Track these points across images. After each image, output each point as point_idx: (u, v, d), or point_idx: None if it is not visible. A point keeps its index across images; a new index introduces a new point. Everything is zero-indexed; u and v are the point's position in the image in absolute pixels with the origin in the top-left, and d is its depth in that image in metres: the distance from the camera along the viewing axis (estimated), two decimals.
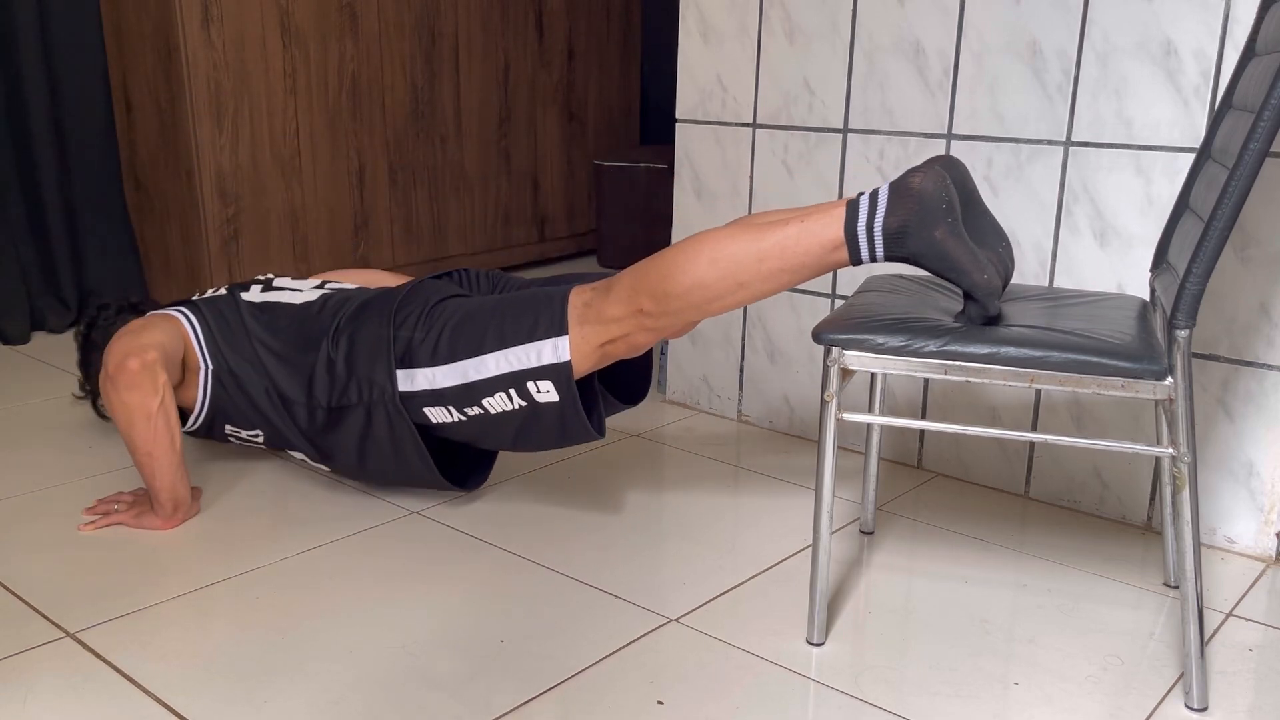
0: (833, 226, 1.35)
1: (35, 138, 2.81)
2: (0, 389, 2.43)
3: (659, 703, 1.28)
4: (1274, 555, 1.68)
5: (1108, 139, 1.72)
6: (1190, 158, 1.66)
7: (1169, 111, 1.66)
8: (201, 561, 1.61)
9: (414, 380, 1.62)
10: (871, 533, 1.75)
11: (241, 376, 1.76)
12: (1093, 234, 1.77)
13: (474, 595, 1.52)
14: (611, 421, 2.25)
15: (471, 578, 1.57)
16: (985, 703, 1.29)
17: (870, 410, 1.67)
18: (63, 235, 2.91)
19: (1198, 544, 1.25)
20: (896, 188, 1.32)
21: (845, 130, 2.01)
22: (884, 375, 1.64)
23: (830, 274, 2.07)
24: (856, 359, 1.33)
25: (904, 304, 1.43)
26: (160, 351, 1.66)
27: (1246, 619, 1.50)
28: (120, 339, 1.68)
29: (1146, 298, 1.69)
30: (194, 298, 1.86)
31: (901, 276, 1.60)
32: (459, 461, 1.88)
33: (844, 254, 1.35)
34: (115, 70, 2.91)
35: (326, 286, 1.89)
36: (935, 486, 1.95)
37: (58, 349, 2.77)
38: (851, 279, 2.05)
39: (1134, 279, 1.74)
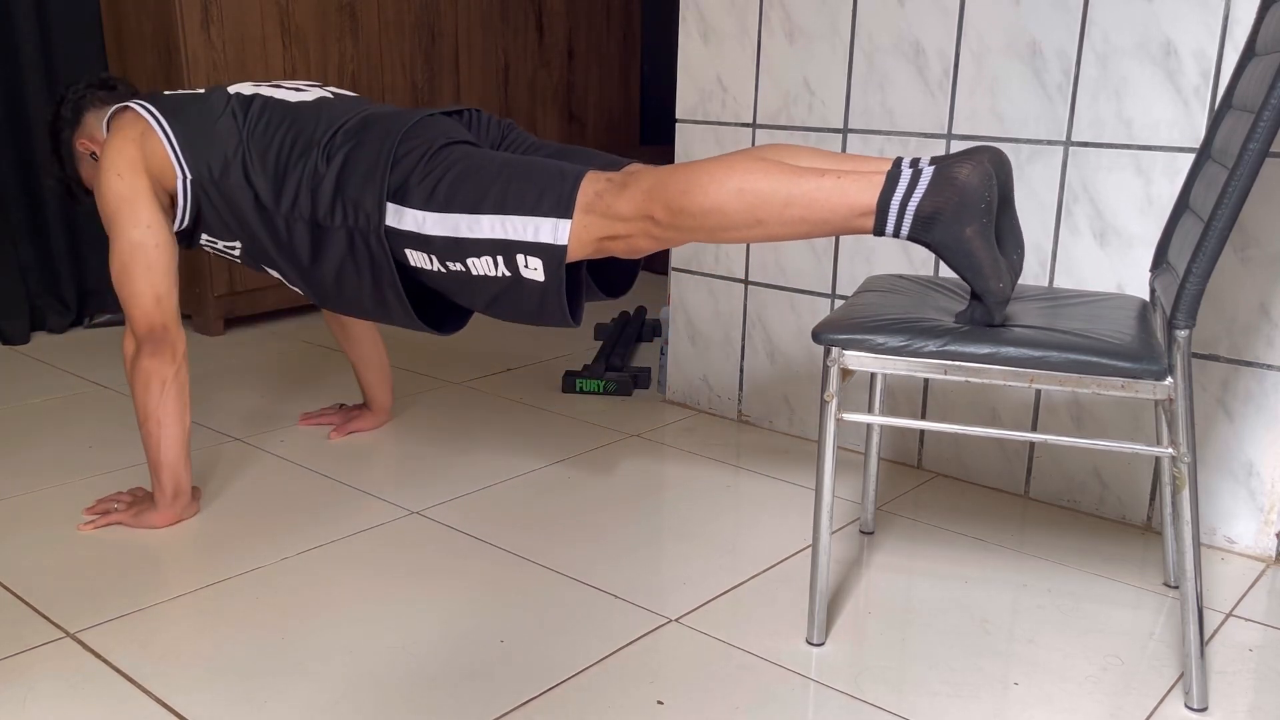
0: (868, 192, 1.29)
1: (35, 138, 2.81)
2: (0, 389, 2.43)
3: (659, 703, 1.28)
4: (1274, 555, 1.68)
5: (1108, 139, 1.72)
6: (1190, 158, 1.66)
7: (1169, 111, 1.66)
8: (201, 561, 1.61)
9: (402, 218, 1.54)
10: (871, 533, 1.75)
11: (222, 184, 1.66)
12: (1093, 234, 1.77)
13: (474, 595, 1.52)
14: (612, 422, 2.25)
15: (471, 578, 1.57)
16: (985, 703, 1.29)
17: (870, 410, 1.67)
18: (63, 235, 2.91)
19: (1198, 544, 1.25)
20: (941, 173, 1.27)
21: (845, 130, 2.01)
22: (884, 375, 1.64)
23: (830, 274, 2.07)
24: (856, 359, 1.33)
25: (904, 304, 1.43)
26: (176, 308, 1.67)
27: (1246, 619, 1.50)
28: (134, 279, 1.64)
29: (1146, 298, 1.69)
30: (177, 91, 1.77)
31: (901, 276, 1.60)
32: (436, 304, 1.79)
33: (869, 222, 1.30)
34: (115, 70, 2.91)
35: (328, 90, 1.79)
36: (935, 486, 1.95)
37: (58, 349, 2.77)
38: (852, 279, 2.05)
39: (1134, 279, 1.74)
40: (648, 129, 4.26)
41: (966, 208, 1.25)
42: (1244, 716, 1.28)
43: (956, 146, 1.88)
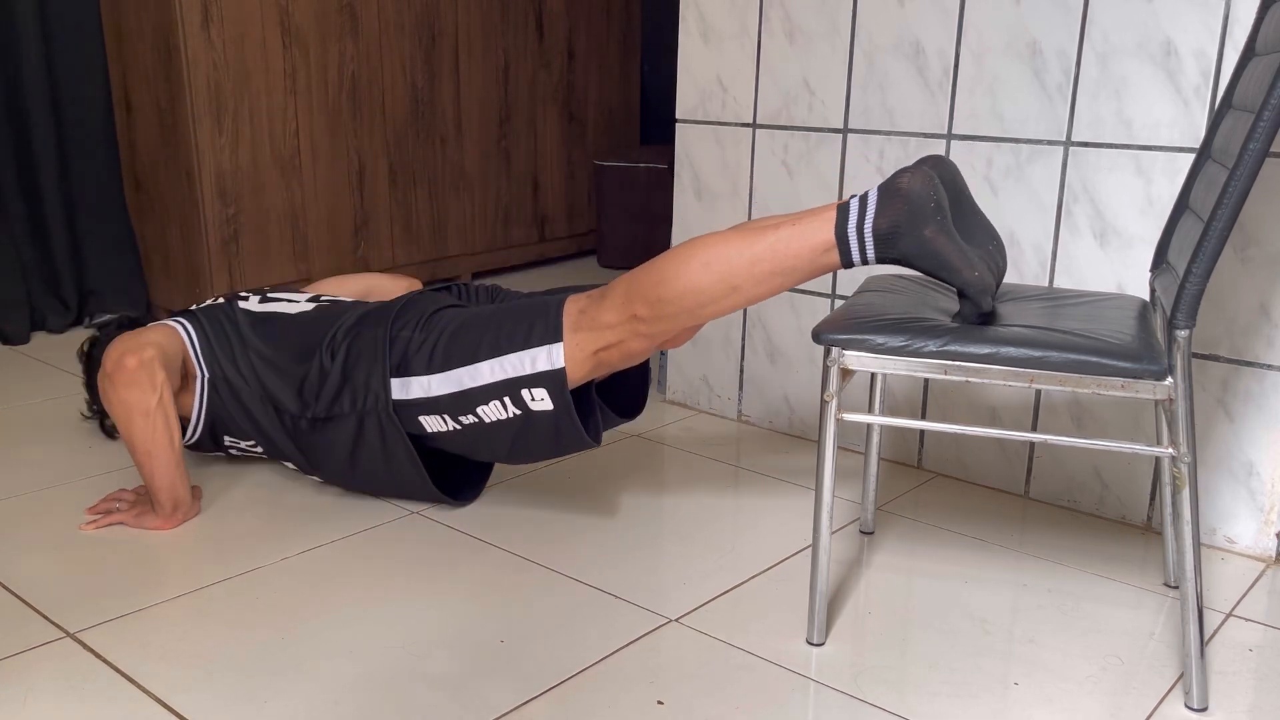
0: (823, 229, 1.35)
1: (35, 138, 2.81)
2: (0, 389, 2.43)
3: (659, 703, 1.28)
4: (1274, 555, 1.68)
5: (1108, 139, 1.72)
6: (1190, 158, 1.66)
7: (1169, 111, 1.66)
8: (201, 561, 1.61)
9: (409, 388, 1.62)
10: (871, 533, 1.75)
11: (236, 385, 1.76)
12: (1093, 234, 1.77)
13: (474, 595, 1.52)
14: None
15: (471, 578, 1.57)
16: (985, 703, 1.29)
17: (870, 410, 1.67)
18: (63, 235, 2.91)
19: (1198, 544, 1.25)
20: (885, 189, 1.33)
21: (845, 130, 2.01)
22: (884, 375, 1.64)
23: (830, 274, 2.07)
24: (856, 359, 1.33)
25: (903, 304, 1.43)
26: (158, 350, 1.67)
27: (1246, 619, 1.50)
28: (118, 341, 1.69)
29: (1146, 298, 1.69)
30: (191, 308, 1.86)
31: (901, 277, 1.60)
32: (452, 474, 1.87)
33: (835, 256, 1.36)
34: (115, 70, 2.91)
35: (322, 299, 1.90)
36: (935, 486, 1.95)
37: (58, 349, 2.77)
38: (851, 279, 2.05)
39: (1134, 279, 1.74)
40: (648, 129, 4.26)
41: (917, 211, 1.30)
42: (1244, 716, 1.28)
43: (956, 146, 1.88)
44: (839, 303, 2.08)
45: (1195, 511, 1.25)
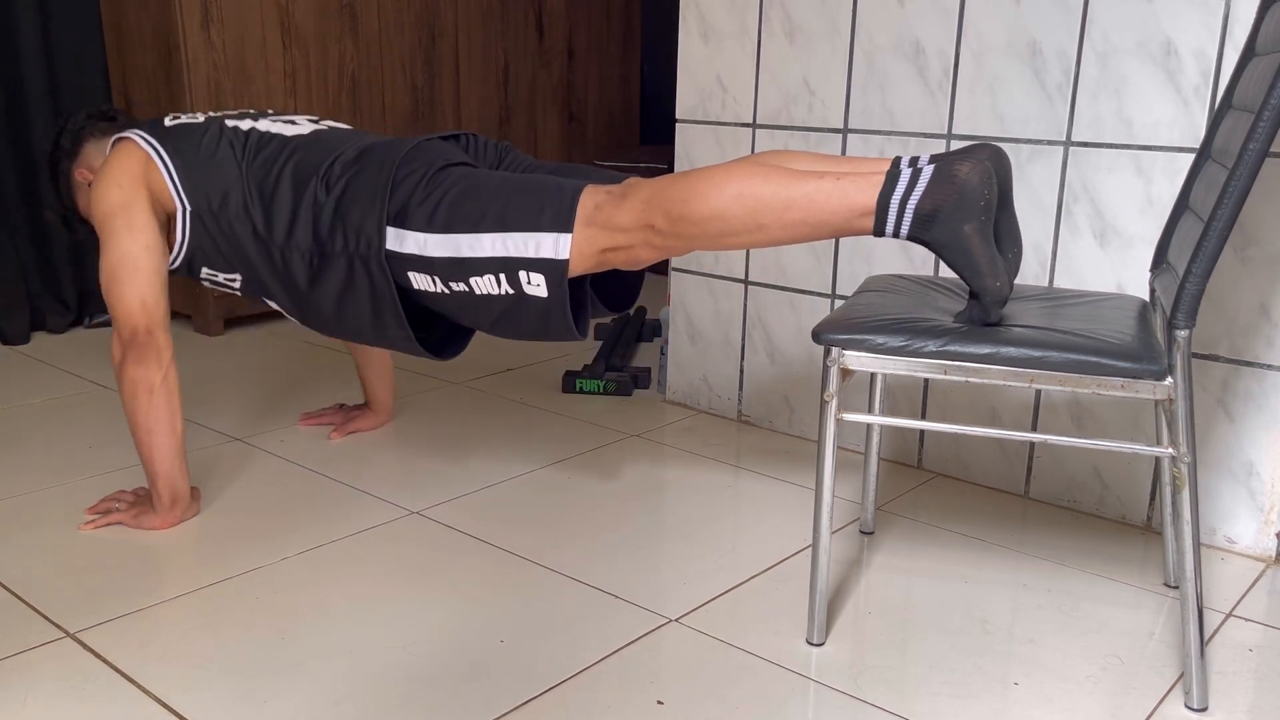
0: (867, 192, 1.30)
1: (35, 138, 2.81)
2: (0, 389, 2.43)
3: (659, 703, 1.28)
4: (1274, 555, 1.68)
5: (1108, 139, 1.72)
6: (1190, 158, 1.66)
7: (1169, 111, 1.66)
8: (201, 561, 1.61)
9: (403, 241, 1.54)
10: (871, 533, 1.75)
11: (220, 216, 1.66)
12: (1093, 234, 1.77)
13: (474, 595, 1.52)
14: (612, 422, 2.25)
15: (471, 578, 1.57)
16: (985, 703, 1.29)
17: (870, 410, 1.67)
18: (63, 235, 2.91)
19: (1198, 544, 1.25)
20: (940, 171, 1.27)
21: (845, 130, 2.01)
22: (884, 375, 1.64)
23: (831, 274, 2.07)
24: (856, 359, 1.33)
25: (904, 304, 1.43)
26: (163, 309, 1.65)
27: (1246, 619, 1.50)
28: (121, 283, 1.63)
29: (1146, 298, 1.69)
30: (167, 122, 1.75)
31: (901, 276, 1.60)
32: (436, 328, 1.81)
33: (869, 223, 1.31)
34: (115, 70, 2.91)
35: (323, 123, 1.80)
36: (935, 486, 1.95)
37: (58, 349, 2.77)
38: (852, 279, 2.05)
39: (1134, 279, 1.74)
40: (648, 129, 4.26)
41: (966, 205, 1.25)
42: (1244, 716, 1.28)
43: (956, 146, 1.88)
44: (839, 303, 2.08)
45: (1195, 511, 1.25)
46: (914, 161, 1.31)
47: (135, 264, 1.64)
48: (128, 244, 1.64)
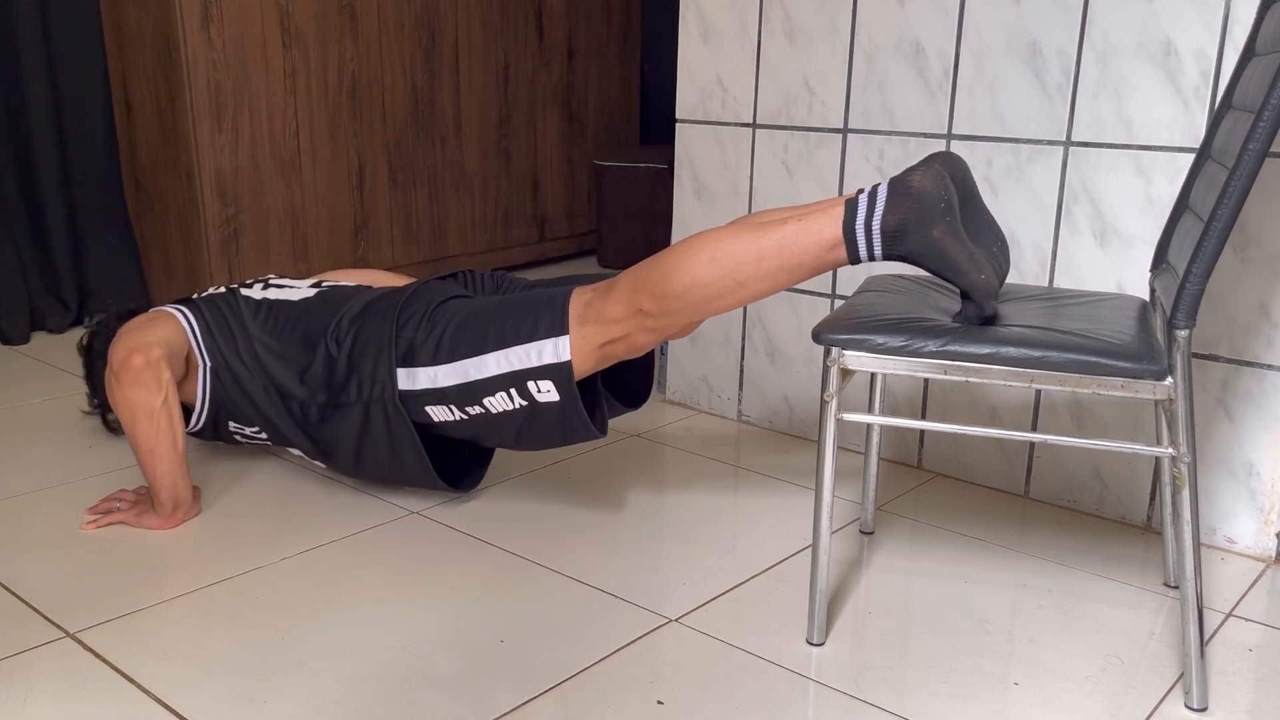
0: (831, 225, 1.35)
1: (35, 138, 2.81)
2: (0, 389, 2.43)
3: (659, 703, 1.28)
4: (1274, 555, 1.68)
5: (1108, 139, 1.72)
6: (1190, 158, 1.66)
7: (1169, 111, 1.66)
8: (201, 561, 1.61)
9: (415, 379, 1.63)
10: (871, 533, 1.75)
11: (239, 373, 1.76)
12: (1093, 234, 1.77)
13: (474, 595, 1.52)
14: (612, 422, 2.25)
15: (471, 578, 1.57)
16: (985, 703, 1.29)
17: (870, 410, 1.67)
18: (63, 235, 2.91)
19: (1198, 544, 1.25)
20: (895, 186, 1.32)
21: (845, 130, 2.01)
22: (884, 375, 1.64)
23: (830, 274, 2.07)
24: (856, 359, 1.33)
25: (904, 304, 1.43)
26: (164, 348, 1.67)
27: (1246, 619, 1.50)
28: (124, 336, 1.69)
29: (1146, 298, 1.69)
30: (193, 296, 1.86)
31: (901, 276, 1.60)
32: (455, 462, 1.88)
33: (842, 253, 1.35)
34: (115, 70, 2.91)
35: (324, 285, 1.89)
36: (935, 486, 1.95)
37: (58, 349, 2.77)
38: (851, 279, 2.05)
39: (1134, 279, 1.74)
40: (648, 129, 4.26)
41: (927, 211, 1.29)
42: (1244, 716, 1.28)
43: (956, 146, 1.88)
44: (839, 303, 2.08)
45: (1195, 511, 1.25)
46: (872, 188, 1.35)
47: (146, 338, 1.69)
48: (140, 340, 1.69)
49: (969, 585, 1.58)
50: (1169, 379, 1.23)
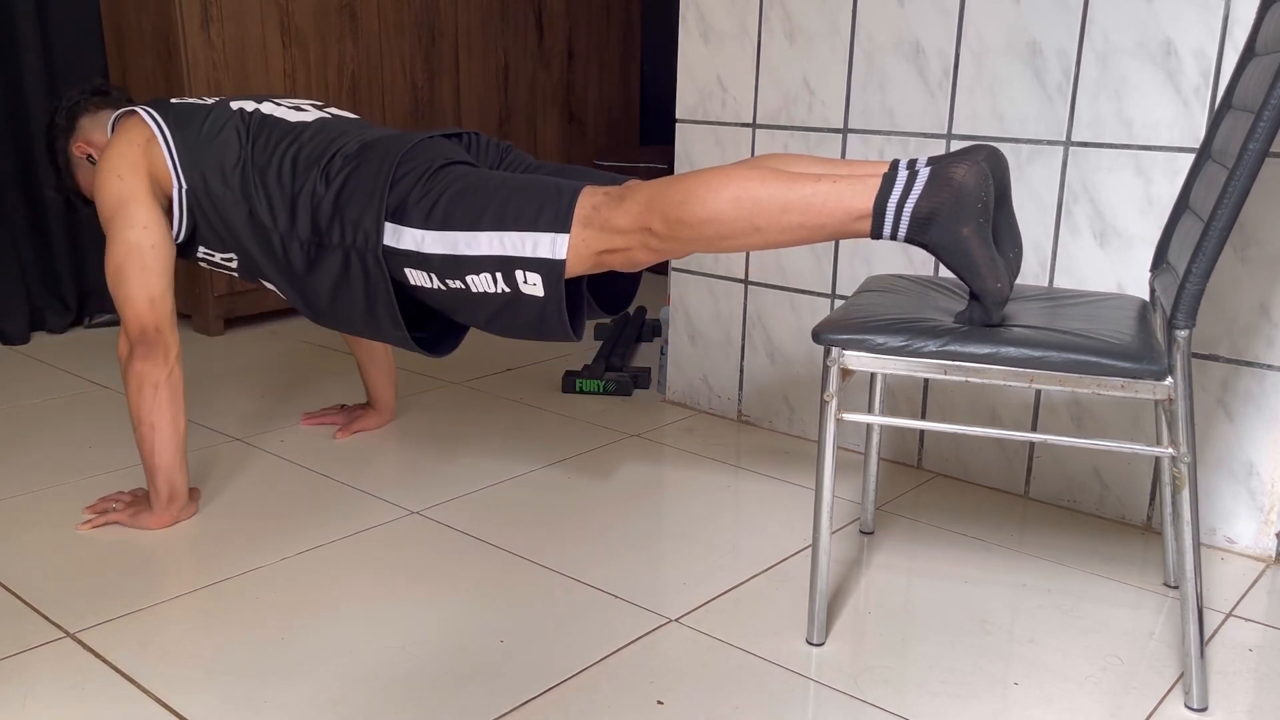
0: (864, 196, 1.30)
1: (35, 138, 2.81)
2: (0, 389, 2.43)
3: (659, 703, 1.28)
4: (1274, 555, 1.68)
5: (1108, 139, 1.72)
6: (1190, 158, 1.66)
7: (1169, 111, 1.66)
8: (201, 561, 1.61)
9: (400, 237, 1.54)
10: (871, 533, 1.75)
11: (218, 197, 1.67)
12: (1093, 234, 1.77)
13: (474, 595, 1.52)
14: (611, 422, 2.25)
15: (471, 578, 1.57)
16: (985, 703, 1.29)
17: (870, 410, 1.67)
18: (63, 235, 2.91)
19: (1198, 544, 1.25)
20: (937, 174, 1.27)
21: (845, 130, 2.01)
22: (884, 375, 1.64)
23: (831, 274, 2.07)
24: (856, 359, 1.33)
25: (904, 304, 1.43)
26: (170, 310, 1.66)
27: (1246, 619, 1.50)
28: (128, 282, 1.64)
29: (1146, 298, 1.69)
30: (172, 100, 1.75)
31: (901, 276, 1.60)
32: (430, 325, 1.80)
33: (866, 225, 1.31)
34: (115, 70, 2.91)
35: (327, 111, 1.79)
36: (935, 486, 1.95)
37: (58, 349, 2.77)
38: (852, 279, 2.05)
39: (1134, 279, 1.74)
40: (648, 129, 4.26)
41: (963, 208, 1.25)
42: (1244, 716, 1.28)
43: (956, 146, 1.88)
44: (839, 303, 2.08)
45: (1195, 511, 1.25)
46: (911, 164, 1.30)
47: (142, 262, 1.65)
48: (133, 238, 1.65)
49: (969, 585, 1.58)
50: (1169, 379, 1.23)
